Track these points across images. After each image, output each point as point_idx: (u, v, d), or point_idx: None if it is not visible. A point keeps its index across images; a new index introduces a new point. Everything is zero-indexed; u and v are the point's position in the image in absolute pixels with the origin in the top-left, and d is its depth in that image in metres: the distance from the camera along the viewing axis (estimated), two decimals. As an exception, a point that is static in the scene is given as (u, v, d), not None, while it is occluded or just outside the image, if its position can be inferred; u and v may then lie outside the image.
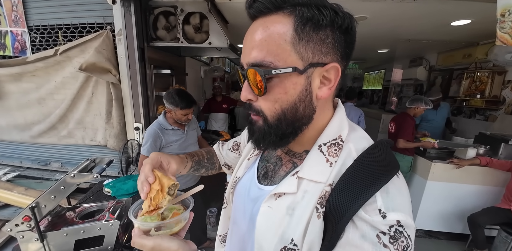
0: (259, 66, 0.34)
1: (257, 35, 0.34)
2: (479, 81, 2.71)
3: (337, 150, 0.38)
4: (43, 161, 2.42)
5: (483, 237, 1.88)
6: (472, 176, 2.06)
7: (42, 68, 1.93)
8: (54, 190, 0.95)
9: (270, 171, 0.47)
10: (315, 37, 0.33)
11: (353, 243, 0.30)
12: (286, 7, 0.33)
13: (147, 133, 1.53)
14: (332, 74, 0.35)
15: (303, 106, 0.36)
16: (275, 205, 0.39)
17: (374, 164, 0.35)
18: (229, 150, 0.68)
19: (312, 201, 0.36)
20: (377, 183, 0.32)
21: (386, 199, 0.31)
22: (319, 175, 0.37)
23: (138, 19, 1.67)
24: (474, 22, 2.05)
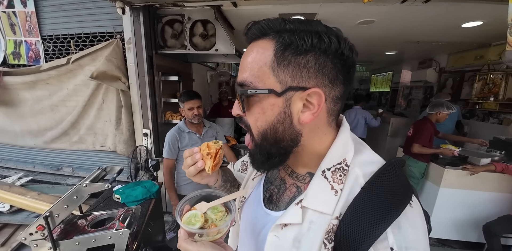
0: (242, 86, 0.36)
1: (247, 58, 0.36)
2: (492, 83, 2.62)
3: (342, 176, 0.36)
4: (55, 166, 2.48)
5: (500, 246, 1.80)
6: (487, 183, 1.98)
7: (55, 76, 1.99)
8: (67, 200, 0.97)
9: (274, 195, 0.46)
10: (294, 61, 0.33)
11: None
12: (270, 33, 0.35)
13: (167, 136, 1.61)
14: (314, 99, 0.34)
15: (282, 128, 0.36)
16: (281, 234, 0.38)
17: (383, 193, 0.32)
18: (239, 171, 0.67)
19: (319, 234, 0.34)
20: (388, 218, 0.30)
21: (398, 235, 0.29)
22: (324, 205, 0.35)
23: (147, 28, 1.70)
24: (486, 23, 1.99)
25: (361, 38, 2.63)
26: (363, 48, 3.26)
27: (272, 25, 0.35)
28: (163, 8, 1.72)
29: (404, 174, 0.37)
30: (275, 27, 0.34)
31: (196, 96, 1.58)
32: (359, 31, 2.32)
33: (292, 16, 1.92)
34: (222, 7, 1.65)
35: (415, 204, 0.34)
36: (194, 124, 1.64)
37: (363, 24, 2.10)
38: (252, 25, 0.36)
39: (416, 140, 2.11)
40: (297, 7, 1.70)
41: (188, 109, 1.56)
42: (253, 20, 0.39)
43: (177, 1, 1.53)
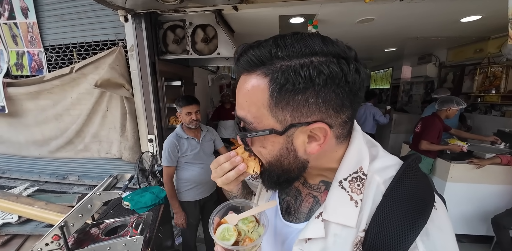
0: (243, 121, 0.35)
1: (241, 93, 0.35)
2: (493, 76, 2.63)
3: (360, 185, 0.35)
4: (61, 175, 2.48)
5: (509, 238, 1.80)
6: (494, 176, 1.98)
7: (58, 86, 2.00)
8: (82, 209, 0.97)
9: (292, 206, 0.45)
10: (293, 101, 0.31)
11: None
12: (262, 67, 0.31)
13: (165, 144, 1.58)
14: (319, 132, 0.33)
15: (287, 161, 0.35)
16: (306, 248, 0.38)
17: (407, 200, 0.31)
18: (249, 179, 0.67)
19: (346, 247, 0.34)
20: (416, 227, 0.29)
21: (428, 242, 0.29)
22: (346, 218, 0.34)
23: (149, 35, 1.71)
24: (485, 17, 2.00)
25: (361, 36, 2.65)
26: (362, 46, 3.27)
27: (263, 57, 0.31)
28: (164, 15, 1.74)
29: (423, 173, 0.36)
30: (266, 58, 0.31)
31: (194, 101, 1.57)
32: (359, 29, 2.33)
33: (292, 17, 1.93)
34: (223, 11, 1.66)
35: (439, 204, 0.34)
36: (191, 129, 1.62)
37: (362, 23, 2.11)
38: (242, 56, 0.33)
39: (424, 136, 2.11)
40: (297, 9, 1.71)
41: (186, 114, 1.54)
42: (254, 23, 0.37)
43: (178, 7, 1.54)
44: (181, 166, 1.65)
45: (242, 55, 0.33)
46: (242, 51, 0.33)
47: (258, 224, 0.43)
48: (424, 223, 0.30)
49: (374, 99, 3.40)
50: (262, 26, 2.15)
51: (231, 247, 0.38)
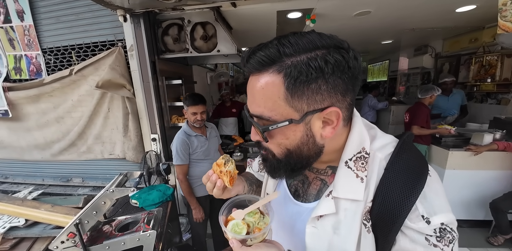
0: (260, 118, 0.37)
1: (255, 92, 0.36)
2: (488, 65, 2.67)
3: (364, 163, 0.39)
4: (65, 177, 2.49)
5: (507, 222, 1.87)
6: (491, 162, 2.04)
7: (58, 88, 2.00)
8: (95, 206, 0.99)
9: (300, 189, 0.49)
10: (307, 90, 0.34)
11: (405, 249, 0.34)
12: (274, 65, 0.34)
13: (175, 142, 1.60)
14: (333, 116, 0.36)
15: (307, 148, 0.38)
16: (319, 225, 0.41)
17: (406, 170, 0.36)
18: (258, 172, 0.70)
19: (356, 218, 0.38)
20: (415, 192, 0.34)
21: (426, 204, 0.34)
22: (353, 193, 0.38)
23: (148, 34, 1.71)
24: (479, 7, 2.03)
25: (358, 29, 2.66)
26: (359, 39, 3.29)
27: (273, 56, 0.33)
28: (162, 13, 1.73)
29: (415, 146, 0.41)
30: (276, 57, 0.33)
31: (201, 102, 1.60)
32: (356, 22, 2.34)
33: (290, 12, 1.94)
34: (222, 8, 1.66)
35: (432, 171, 0.38)
36: (197, 127, 1.68)
37: (359, 16, 2.13)
38: (251, 58, 0.35)
39: (414, 122, 2.23)
40: (295, 3, 1.71)
41: (191, 113, 1.59)
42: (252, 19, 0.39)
43: (177, 5, 1.54)
44: (191, 163, 1.68)
45: (251, 57, 0.35)
46: (250, 53, 0.36)
47: (263, 215, 0.47)
48: (422, 188, 0.34)
49: (375, 92, 3.53)
50: (260, 22, 2.15)
51: (245, 236, 0.41)
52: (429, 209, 0.34)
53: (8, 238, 1.68)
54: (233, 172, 0.49)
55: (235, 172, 0.50)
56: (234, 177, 0.49)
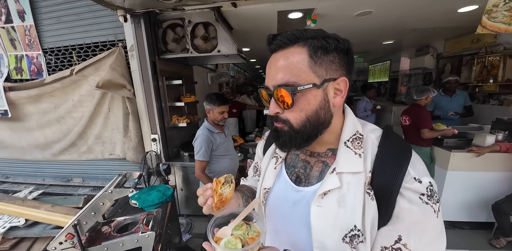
0: (286, 86, 0.42)
1: (280, 63, 0.43)
2: (490, 65, 2.65)
3: (360, 143, 0.46)
4: (65, 177, 2.49)
5: (509, 224, 1.84)
6: (493, 163, 2.01)
7: (59, 89, 2.00)
8: (94, 207, 0.99)
9: (301, 175, 0.52)
10: (326, 59, 0.43)
11: (404, 209, 0.40)
12: (299, 41, 0.43)
13: (200, 139, 1.61)
14: (342, 86, 0.44)
15: (324, 112, 0.45)
16: (324, 203, 0.45)
17: (395, 146, 0.44)
18: (253, 176, 0.72)
19: (359, 189, 0.43)
20: (406, 161, 0.42)
21: (415, 169, 0.41)
22: (355, 167, 0.44)
23: (148, 34, 1.71)
24: (481, 7, 2.00)
25: (359, 29, 2.65)
26: (360, 39, 3.27)
27: (299, 35, 0.43)
28: (163, 13, 1.73)
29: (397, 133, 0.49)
30: (301, 36, 0.43)
31: (227, 102, 1.67)
32: (357, 22, 2.33)
33: (291, 12, 1.93)
34: (222, 8, 1.66)
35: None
36: (218, 125, 1.71)
37: (360, 16, 2.12)
38: (278, 36, 0.44)
39: (423, 125, 2.19)
40: (296, 4, 1.71)
41: (219, 113, 1.63)
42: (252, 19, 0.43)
43: (177, 5, 1.54)
44: (213, 159, 1.70)
45: (277, 37, 0.44)
46: (275, 35, 0.45)
47: (248, 225, 0.46)
48: (410, 158, 0.42)
49: (370, 92, 3.49)
50: (261, 22, 2.15)
51: (243, 249, 0.41)
52: (419, 172, 0.41)
53: (8, 238, 1.68)
54: (225, 196, 0.46)
55: (228, 196, 0.47)
56: (224, 201, 0.46)
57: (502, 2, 1.29)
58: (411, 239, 0.39)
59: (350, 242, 0.42)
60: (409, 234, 0.40)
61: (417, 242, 0.39)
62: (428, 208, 0.39)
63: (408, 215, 0.40)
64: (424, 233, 0.39)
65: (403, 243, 0.39)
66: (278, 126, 0.47)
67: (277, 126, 0.47)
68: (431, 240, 0.40)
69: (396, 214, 0.40)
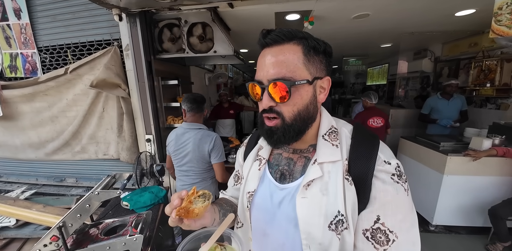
0: (282, 80, 0.45)
1: (276, 58, 0.45)
2: (487, 69, 2.65)
3: (335, 135, 0.51)
4: (58, 177, 2.46)
5: (506, 229, 1.83)
6: (490, 167, 2.00)
7: (53, 87, 1.98)
8: (80, 209, 0.96)
9: (285, 171, 0.54)
10: (316, 59, 0.47)
11: (379, 189, 0.44)
12: (295, 39, 0.46)
13: (219, 141, 1.51)
14: (326, 84, 0.50)
15: (312, 107, 0.49)
16: (308, 193, 0.48)
17: (365, 137, 0.50)
18: (234, 185, 0.71)
19: (339, 175, 0.47)
20: (375, 148, 0.47)
21: (384, 153, 0.47)
22: (333, 156, 0.48)
23: (144, 33, 1.70)
24: (479, 11, 2.01)
25: (356, 32, 2.65)
26: (358, 42, 3.28)
27: (294, 33, 0.46)
28: (159, 13, 1.72)
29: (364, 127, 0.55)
30: (296, 35, 0.46)
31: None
32: (354, 25, 2.33)
33: (288, 14, 1.93)
34: (219, 8, 1.65)
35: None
36: None
37: (358, 18, 2.12)
38: (273, 31, 0.46)
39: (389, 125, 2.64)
40: (293, 5, 1.70)
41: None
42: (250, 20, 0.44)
43: (173, 5, 1.53)
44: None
45: (273, 32, 0.46)
46: (270, 31, 0.47)
47: (222, 246, 0.44)
48: (379, 144, 0.48)
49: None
50: (258, 23, 2.14)
51: None
52: (387, 156, 0.47)
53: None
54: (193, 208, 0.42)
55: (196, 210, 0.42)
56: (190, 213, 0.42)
57: (505, 4, 1.28)
58: (388, 217, 0.43)
59: (335, 229, 0.44)
60: (385, 213, 0.43)
61: (393, 219, 0.43)
62: (399, 186, 0.44)
63: (384, 195, 0.44)
64: (398, 210, 0.43)
65: (381, 222, 0.43)
66: (271, 125, 0.49)
67: (270, 125, 0.49)
68: (404, 216, 0.43)
69: (373, 196, 0.44)
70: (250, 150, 0.65)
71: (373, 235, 0.43)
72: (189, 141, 1.46)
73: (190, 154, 1.47)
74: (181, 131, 1.49)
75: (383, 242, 0.42)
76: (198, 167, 1.53)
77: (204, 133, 1.48)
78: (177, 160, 1.53)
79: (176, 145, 1.49)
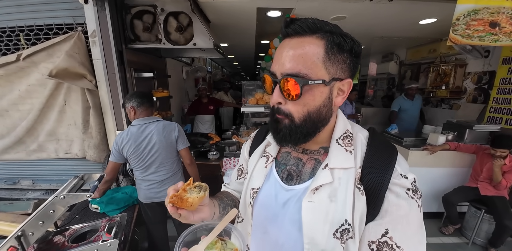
0: (296, 76, 0.41)
1: (294, 51, 0.41)
2: (443, 73, 2.99)
3: (350, 140, 0.48)
4: (11, 180, 2.16)
5: (456, 213, 2.11)
6: (444, 160, 2.28)
7: (2, 76, 1.70)
8: (42, 215, 0.85)
9: (293, 172, 0.52)
10: (339, 58, 0.42)
11: (393, 203, 0.42)
12: (319, 32, 0.41)
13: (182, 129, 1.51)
14: (346, 87, 0.45)
15: (326, 110, 0.45)
16: (315, 198, 0.45)
17: (382, 145, 0.47)
18: (237, 179, 0.69)
19: (350, 184, 0.44)
20: (393, 159, 0.44)
21: (401, 166, 0.44)
22: (346, 163, 0.45)
23: (114, 19, 1.54)
24: (439, 20, 2.24)
25: (333, 33, 2.76)
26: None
27: (319, 25, 0.41)
28: (131, -2, 1.58)
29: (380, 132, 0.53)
30: (321, 28, 0.41)
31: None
32: (332, 26, 2.42)
33: (270, 10, 1.92)
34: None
35: None
36: None
37: (336, 20, 2.20)
38: (297, 21, 0.42)
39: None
40: (275, 2, 1.70)
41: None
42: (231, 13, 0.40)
43: (148, -10, 1.41)
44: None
45: (297, 22, 0.42)
46: (294, 19, 0.42)
47: (223, 240, 0.43)
48: (396, 155, 0.45)
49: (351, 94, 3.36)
50: (240, 17, 2.10)
51: None
52: (404, 169, 0.44)
53: None
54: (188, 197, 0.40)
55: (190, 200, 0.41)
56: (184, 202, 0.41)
57: (462, 16, 1.43)
58: (397, 232, 0.41)
59: (340, 237, 0.43)
60: (395, 227, 0.41)
61: (402, 234, 0.41)
62: (413, 202, 0.42)
63: (396, 209, 0.42)
64: (409, 225, 0.41)
65: (389, 236, 0.41)
66: (279, 117, 0.46)
67: (278, 117, 0.46)
68: (414, 232, 0.42)
69: (385, 209, 0.42)
70: (257, 144, 0.62)
71: (379, 248, 0.41)
72: (152, 133, 1.38)
73: (157, 146, 1.39)
74: (136, 128, 1.38)
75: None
76: (168, 158, 1.45)
77: (165, 122, 1.45)
78: (140, 159, 1.41)
79: (135, 143, 1.37)
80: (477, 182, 2.02)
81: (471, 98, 2.81)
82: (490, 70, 2.55)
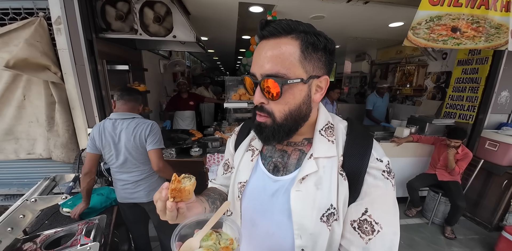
0: (275, 77, 0.43)
1: (271, 52, 0.43)
2: (408, 73, 3.29)
3: (331, 131, 0.52)
4: (-44, 186, 1.87)
5: (418, 197, 2.38)
6: (408, 151, 2.54)
7: None
8: (10, 221, 0.77)
9: (279, 163, 0.54)
10: (314, 56, 0.44)
11: (371, 185, 0.46)
12: (293, 33, 0.43)
13: (156, 126, 1.35)
14: (323, 83, 0.47)
15: (305, 107, 0.48)
16: (302, 187, 0.48)
17: (360, 134, 0.51)
18: (224, 174, 0.70)
19: (334, 171, 0.48)
20: (370, 146, 0.49)
21: (377, 151, 0.49)
22: (329, 152, 0.49)
23: (83, 5, 1.39)
24: (406, 24, 2.45)
25: (312, 31, 2.85)
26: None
27: (293, 26, 0.43)
28: (102, -17, 1.44)
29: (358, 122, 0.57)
30: (295, 28, 0.43)
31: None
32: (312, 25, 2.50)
33: (252, 6, 1.91)
34: (179, -12, 1.49)
35: None
36: None
37: (315, 19, 2.27)
38: (272, 23, 0.43)
39: None
40: (258, -3, 1.69)
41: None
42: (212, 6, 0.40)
43: (123, -25, 1.30)
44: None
45: (272, 24, 0.43)
46: (268, 21, 0.44)
47: (217, 232, 0.43)
48: (372, 142, 0.50)
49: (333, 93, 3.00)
50: (221, 11, 2.05)
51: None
52: (379, 154, 0.48)
53: None
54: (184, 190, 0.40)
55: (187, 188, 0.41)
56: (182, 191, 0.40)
57: (424, 21, 1.57)
58: (375, 210, 0.45)
59: (326, 221, 0.46)
60: (373, 206, 0.45)
61: (379, 211, 0.45)
62: (388, 182, 0.46)
63: (374, 190, 0.46)
64: (385, 203, 0.46)
65: (369, 214, 0.45)
66: (261, 121, 0.48)
67: (260, 121, 0.48)
68: (389, 209, 0.47)
69: (364, 190, 0.46)
70: (242, 139, 0.63)
71: (360, 226, 0.45)
72: (121, 131, 1.28)
73: (125, 146, 1.29)
74: (111, 123, 1.28)
75: (369, 232, 0.44)
76: (140, 159, 1.34)
77: (139, 120, 1.32)
78: (110, 156, 1.32)
79: (106, 138, 1.28)
80: (435, 169, 2.30)
81: (430, 96, 3.14)
82: (447, 70, 2.88)
